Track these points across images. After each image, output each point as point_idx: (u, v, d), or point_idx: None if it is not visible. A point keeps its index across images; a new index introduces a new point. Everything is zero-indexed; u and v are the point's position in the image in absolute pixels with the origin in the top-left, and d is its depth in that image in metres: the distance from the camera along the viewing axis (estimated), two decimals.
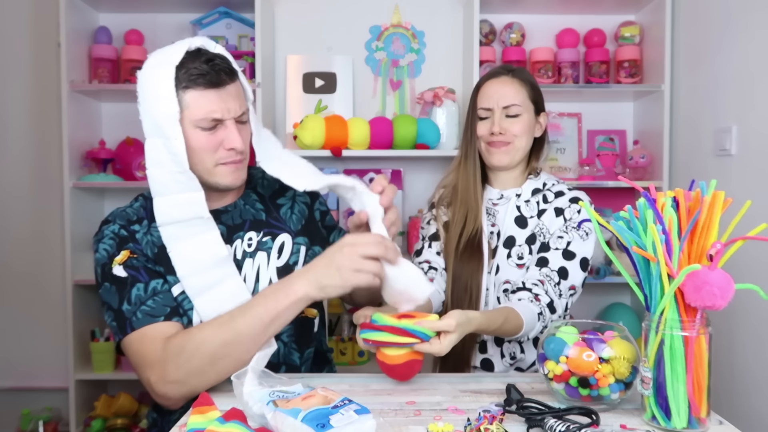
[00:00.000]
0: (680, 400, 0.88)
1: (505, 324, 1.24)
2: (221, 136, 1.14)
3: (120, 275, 1.15)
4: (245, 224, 1.27)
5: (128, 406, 2.41)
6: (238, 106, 1.15)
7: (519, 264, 1.42)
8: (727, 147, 1.95)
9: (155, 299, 1.13)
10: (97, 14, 2.55)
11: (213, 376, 1.07)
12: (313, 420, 0.80)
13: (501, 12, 2.55)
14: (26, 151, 2.54)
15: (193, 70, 1.10)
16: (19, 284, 2.55)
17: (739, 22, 1.93)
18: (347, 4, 2.58)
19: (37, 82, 2.54)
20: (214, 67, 1.12)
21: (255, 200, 1.31)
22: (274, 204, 1.33)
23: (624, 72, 2.47)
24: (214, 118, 1.12)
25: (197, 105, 1.11)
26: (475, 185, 1.48)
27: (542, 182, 1.49)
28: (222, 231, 1.21)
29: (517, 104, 1.43)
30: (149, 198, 1.20)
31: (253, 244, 1.25)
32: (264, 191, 1.34)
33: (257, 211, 1.30)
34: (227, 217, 1.26)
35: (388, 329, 1.04)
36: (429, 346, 1.05)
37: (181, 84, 1.10)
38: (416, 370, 1.10)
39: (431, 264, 1.47)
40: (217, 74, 1.12)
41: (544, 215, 1.44)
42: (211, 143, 1.14)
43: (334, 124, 2.24)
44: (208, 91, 1.11)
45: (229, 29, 2.54)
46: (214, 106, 1.12)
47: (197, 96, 1.11)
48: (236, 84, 1.17)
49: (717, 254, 0.87)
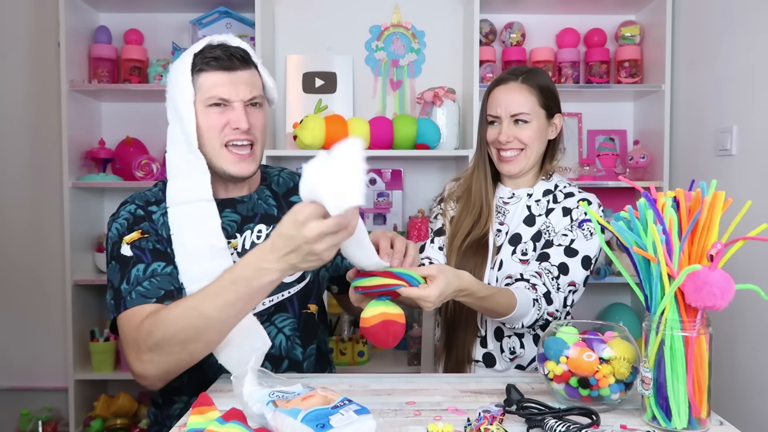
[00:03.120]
0: (680, 400, 0.88)
1: (497, 296, 1.22)
2: (229, 116, 1.19)
3: (125, 254, 1.18)
4: (256, 217, 1.29)
5: (128, 406, 2.41)
6: (248, 91, 1.20)
7: (522, 260, 1.42)
8: (728, 147, 1.95)
9: (152, 281, 1.14)
10: (96, 14, 2.55)
11: (185, 357, 1.07)
12: (313, 420, 0.80)
13: (501, 12, 2.55)
14: (26, 151, 2.54)
15: (208, 54, 1.18)
16: (19, 284, 2.55)
17: (740, 21, 1.93)
18: (347, 4, 2.58)
19: (36, 81, 2.54)
20: (227, 51, 1.19)
21: (268, 196, 1.34)
22: (287, 201, 1.36)
23: (624, 72, 2.47)
24: (222, 97, 1.18)
25: (208, 85, 1.18)
26: (486, 189, 1.48)
27: (554, 184, 1.49)
28: (236, 219, 1.26)
29: (525, 112, 1.42)
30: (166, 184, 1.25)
31: (262, 236, 1.27)
32: (278, 189, 1.37)
33: (269, 207, 1.32)
34: (242, 206, 1.29)
35: (377, 273, 1.03)
36: (417, 289, 1.04)
37: (196, 68, 1.18)
38: (393, 332, 1.04)
39: (432, 260, 1.47)
40: (230, 59, 1.18)
41: (551, 214, 1.44)
42: (218, 123, 1.19)
43: (334, 124, 2.24)
44: (219, 73, 1.18)
45: (229, 29, 2.54)
46: (223, 87, 1.18)
47: (208, 77, 1.18)
48: (251, 72, 1.22)
49: (717, 254, 0.87)
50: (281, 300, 1.27)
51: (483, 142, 1.49)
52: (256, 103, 1.23)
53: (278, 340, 1.26)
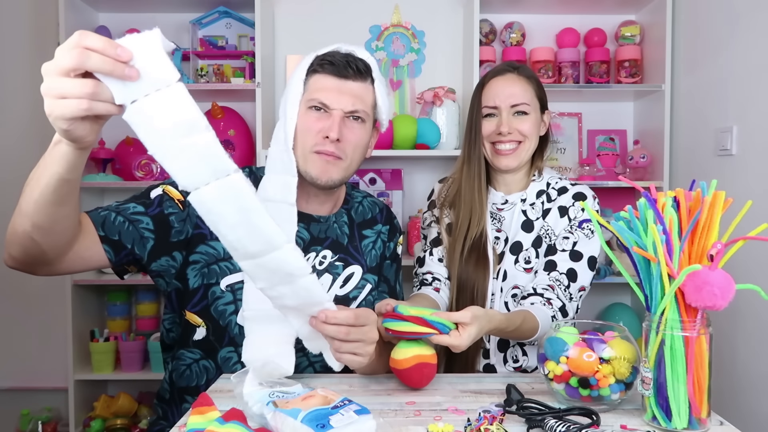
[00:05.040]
0: (681, 400, 0.88)
1: (523, 325, 1.23)
2: (325, 123, 1.17)
3: (149, 193, 1.16)
4: (326, 241, 1.26)
5: (128, 406, 2.41)
6: (351, 103, 1.18)
7: (527, 268, 1.40)
8: (728, 147, 1.95)
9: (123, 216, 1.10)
10: (96, 14, 2.55)
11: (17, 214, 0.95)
12: (313, 420, 0.80)
13: (501, 12, 2.55)
14: (26, 151, 2.54)
15: (326, 58, 1.19)
16: (19, 284, 2.55)
17: (740, 21, 1.93)
18: (347, 4, 2.58)
19: (37, 81, 2.52)
20: (345, 58, 1.18)
21: (344, 222, 1.31)
22: (360, 234, 1.33)
23: (624, 72, 2.47)
24: (323, 102, 1.17)
25: (315, 87, 1.18)
26: (479, 187, 1.43)
27: (545, 182, 1.46)
28: (306, 237, 1.23)
29: (526, 102, 1.39)
30: (253, 173, 1.27)
31: (325, 263, 1.25)
32: (356, 217, 1.34)
33: (342, 234, 1.29)
34: (316, 226, 1.26)
35: (410, 319, 1.03)
36: (448, 337, 1.05)
37: (311, 68, 1.19)
38: (427, 374, 1.07)
39: (434, 275, 1.45)
40: (345, 67, 1.17)
41: (548, 216, 1.42)
42: (314, 126, 1.17)
43: None
44: (329, 78, 1.18)
45: (229, 29, 2.54)
46: (328, 92, 1.17)
47: (319, 79, 1.19)
48: (364, 85, 1.20)
49: (718, 254, 0.87)
50: None
51: (477, 137, 1.43)
52: (358, 118, 1.20)
53: (307, 371, 1.22)
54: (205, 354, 1.20)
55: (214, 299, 1.17)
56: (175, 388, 1.24)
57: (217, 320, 1.17)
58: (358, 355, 1.00)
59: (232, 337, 1.17)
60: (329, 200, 1.28)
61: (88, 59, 0.69)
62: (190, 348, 1.20)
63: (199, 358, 1.20)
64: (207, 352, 1.20)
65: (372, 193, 2.50)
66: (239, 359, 1.16)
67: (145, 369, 2.42)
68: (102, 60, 0.69)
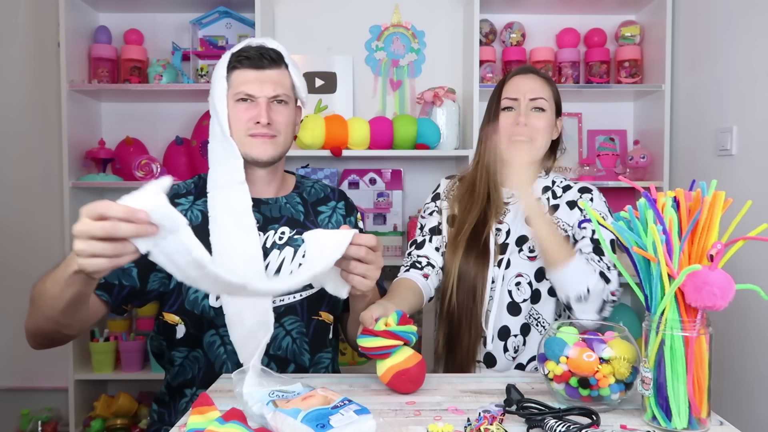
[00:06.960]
0: (681, 400, 0.88)
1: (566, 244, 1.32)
2: (254, 111, 1.27)
3: None
4: (282, 219, 1.34)
5: (128, 406, 2.41)
6: (272, 89, 1.28)
7: (530, 257, 1.42)
8: (728, 147, 1.95)
9: None
10: (96, 14, 2.55)
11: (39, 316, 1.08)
12: (313, 420, 0.80)
13: (501, 12, 2.55)
14: (26, 151, 2.54)
15: (242, 53, 1.28)
16: (19, 284, 2.54)
17: (740, 21, 1.93)
18: (347, 3, 2.58)
19: (37, 81, 2.54)
20: (259, 51, 1.28)
21: (298, 202, 1.39)
22: (315, 210, 1.40)
23: (624, 72, 2.47)
24: (248, 93, 1.27)
25: (238, 81, 1.28)
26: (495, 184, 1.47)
27: (551, 180, 1.51)
28: (258, 219, 1.29)
29: (544, 98, 1.45)
30: (202, 179, 1.35)
31: (285, 238, 1.31)
32: (309, 197, 1.42)
33: (297, 212, 1.37)
34: (266, 208, 1.33)
35: (379, 333, 1.06)
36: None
37: (231, 65, 1.28)
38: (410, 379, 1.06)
39: (430, 260, 1.47)
40: (260, 58, 1.27)
41: (558, 211, 1.46)
42: (244, 116, 1.27)
43: (334, 124, 2.24)
44: (248, 71, 1.27)
45: (229, 29, 2.54)
46: (250, 84, 1.27)
47: (240, 74, 1.28)
48: (280, 71, 1.30)
49: (717, 254, 0.87)
50: (291, 303, 1.28)
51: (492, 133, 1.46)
52: (281, 101, 1.30)
53: (285, 342, 1.27)
54: (191, 347, 1.27)
55: (185, 291, 1.24)
56: (173, 388, 1.30)
57: (191, 311, 1.24)
58: (368, 278, 1.07)
59: (210, 320, 1.24)
60: (273, 180, 1.36)
61: (120, 230, 0.79)
62: (176, 348, 1.28)
63: (187, 354, 1.28)
64: (192, 345, 1.27)
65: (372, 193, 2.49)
66: (222, 342, 1.25)
67: (145, 369, 2.42)
68: (130, 228, 0.79)
